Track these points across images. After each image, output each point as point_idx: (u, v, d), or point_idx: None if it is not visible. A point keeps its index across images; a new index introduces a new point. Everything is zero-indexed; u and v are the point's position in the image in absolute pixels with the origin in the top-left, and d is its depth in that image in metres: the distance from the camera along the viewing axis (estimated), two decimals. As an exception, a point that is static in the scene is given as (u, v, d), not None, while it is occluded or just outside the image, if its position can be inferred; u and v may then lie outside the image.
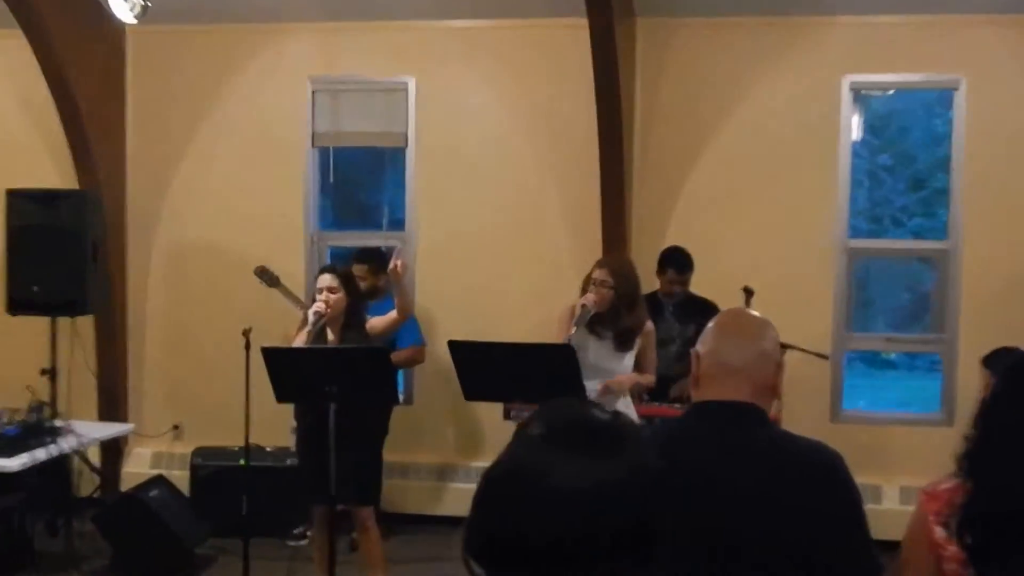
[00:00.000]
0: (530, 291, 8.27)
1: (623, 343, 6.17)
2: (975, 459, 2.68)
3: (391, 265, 6.08)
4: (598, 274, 6.21)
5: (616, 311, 6.14)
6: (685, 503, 2.60)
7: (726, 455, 2.65)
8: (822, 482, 2.63)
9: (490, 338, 6.22)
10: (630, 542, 1.58)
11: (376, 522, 6.35)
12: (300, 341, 6.13)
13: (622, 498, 1.58)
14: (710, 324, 2.84)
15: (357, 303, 6.32)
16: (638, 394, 6.50)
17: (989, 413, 2.75)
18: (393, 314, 6.30)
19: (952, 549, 2.64)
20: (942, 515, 2.66)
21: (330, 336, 6.19)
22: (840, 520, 2.63)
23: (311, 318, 6.10)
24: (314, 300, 6.20)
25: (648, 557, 1.60)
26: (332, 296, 6.15)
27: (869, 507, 8.56)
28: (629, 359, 6.21)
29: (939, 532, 2.66)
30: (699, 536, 2.53)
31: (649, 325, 6.27)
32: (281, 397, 5.92)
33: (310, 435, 6.10)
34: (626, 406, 6.11)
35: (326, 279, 6.21)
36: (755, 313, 2.94)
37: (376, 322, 6.33)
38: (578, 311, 6.10)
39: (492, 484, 1.62)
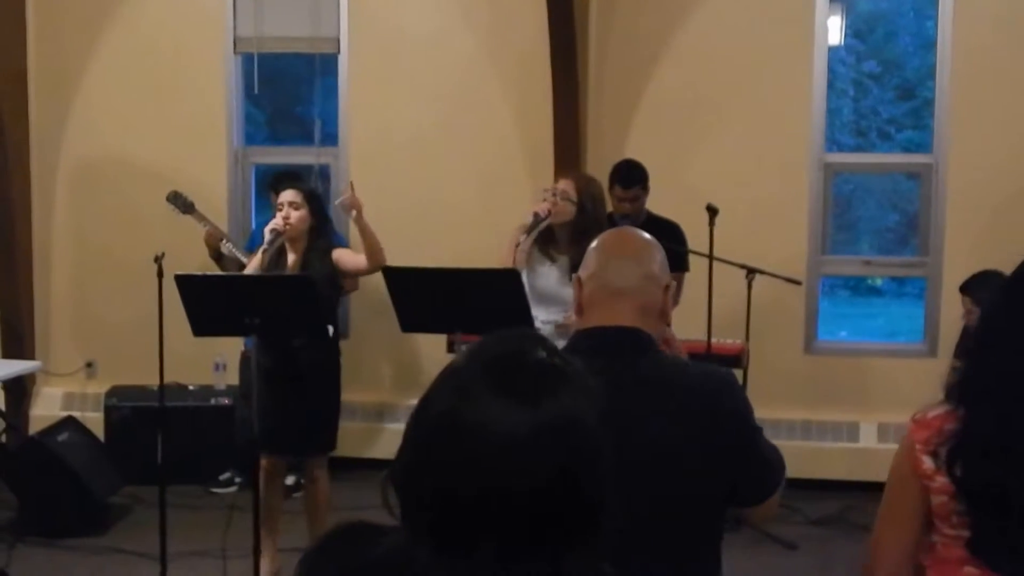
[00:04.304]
0: (476, 210, 8.11)
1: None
2: (968, 383, 2.60)
3: (338, 202, 5.96)
4: (562, 184, 5.94)
5: (577, 233, 5.75)
6: None
7: (605, 384, 2.61)
8: (712, 405, 2.65)
9: (432, 262, 6.08)
10: (558, 499, 1.54)
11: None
12: (255, 264, 5.95)
13: (545, 449, 1.54)
14: (592, 245, 2.86)
15: (323, 225, 6.13)
16: None
17: (984, 333, 2.67)
18: (363, 259, 6.00)
19: (941, 480, 2.57)
20: (931, 444, 2.59)
21: (291, 259, 6.00)
22: (734, 437, 2.65)
23: (267, 236, 5.91)
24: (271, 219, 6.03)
25: (581, 519, 1.57)
26: (294, 213, 5.96)
27: (844, 446, 8.50)
28: None
29: (927, 462, 2.59)
30: None
31: None
32: (198, 330, 5.74)
33: (271, 378, 5.85)
34: None
35: (288, 194, 6.00)
36: (642, 233, 2.92)
37: (344, 256, 6.06)
38: (529, 220, 5.84)
39: (418, 427, 1.63)
